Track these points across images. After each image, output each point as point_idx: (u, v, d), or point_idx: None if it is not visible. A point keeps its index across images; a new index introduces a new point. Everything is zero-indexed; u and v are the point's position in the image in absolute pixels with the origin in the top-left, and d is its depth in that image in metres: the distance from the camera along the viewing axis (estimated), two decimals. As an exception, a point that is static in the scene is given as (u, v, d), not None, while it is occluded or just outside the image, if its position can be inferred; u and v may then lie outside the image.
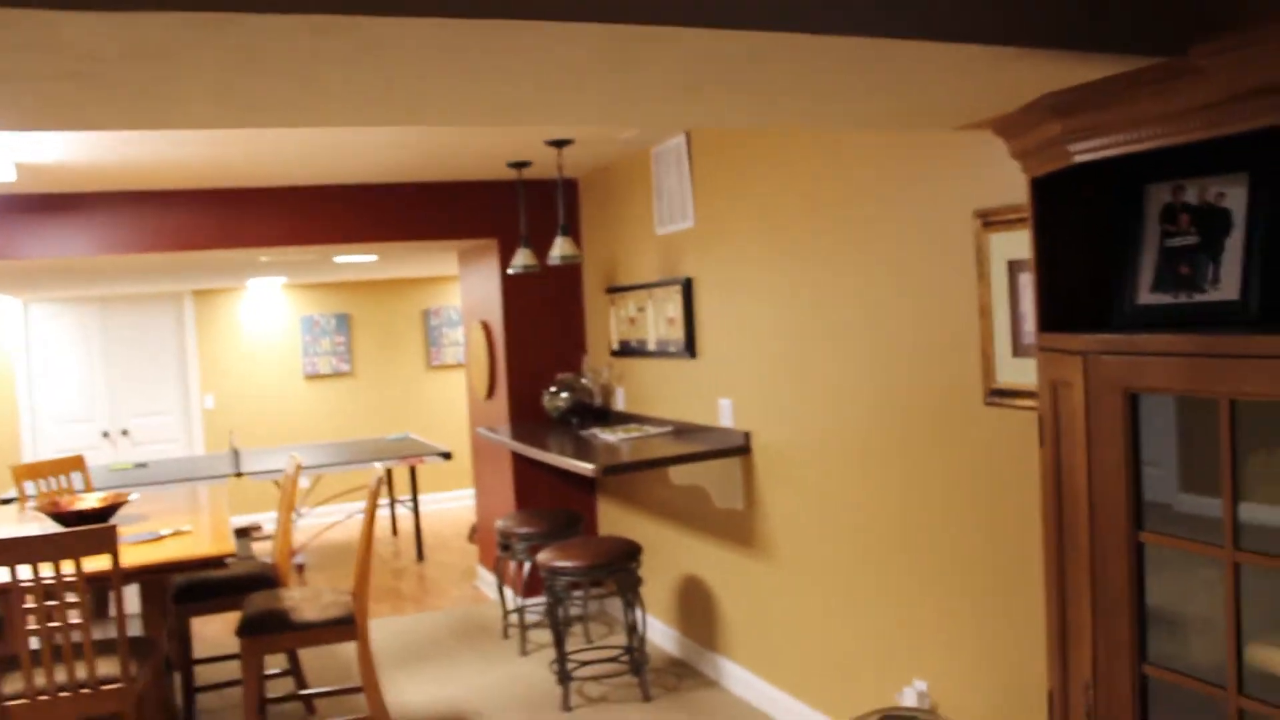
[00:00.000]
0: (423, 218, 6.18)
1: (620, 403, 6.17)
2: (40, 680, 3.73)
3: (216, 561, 4.03)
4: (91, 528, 3.68)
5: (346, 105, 2.15)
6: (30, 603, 3.69)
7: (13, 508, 5.71)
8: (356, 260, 7.58)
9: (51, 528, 4.65)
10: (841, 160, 3.85)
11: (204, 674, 5.65)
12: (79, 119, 2.20)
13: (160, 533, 4.44)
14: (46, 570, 3.68)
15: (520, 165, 5.73)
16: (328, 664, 5.70)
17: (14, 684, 3.73)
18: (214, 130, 4.22)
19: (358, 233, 6.02)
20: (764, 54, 1.89)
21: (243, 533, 8.23)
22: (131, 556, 4.05)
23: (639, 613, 5.81)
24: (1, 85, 2.02)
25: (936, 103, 2.50)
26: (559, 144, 5.14)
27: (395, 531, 9.49)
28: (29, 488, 6.57)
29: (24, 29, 1.52)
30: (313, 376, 10.34)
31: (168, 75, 1.80)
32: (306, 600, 4.42)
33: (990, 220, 3.14)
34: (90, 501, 4.88)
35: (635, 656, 4.99)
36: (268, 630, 4.22)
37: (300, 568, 8.18)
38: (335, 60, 1.74)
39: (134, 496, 4.91)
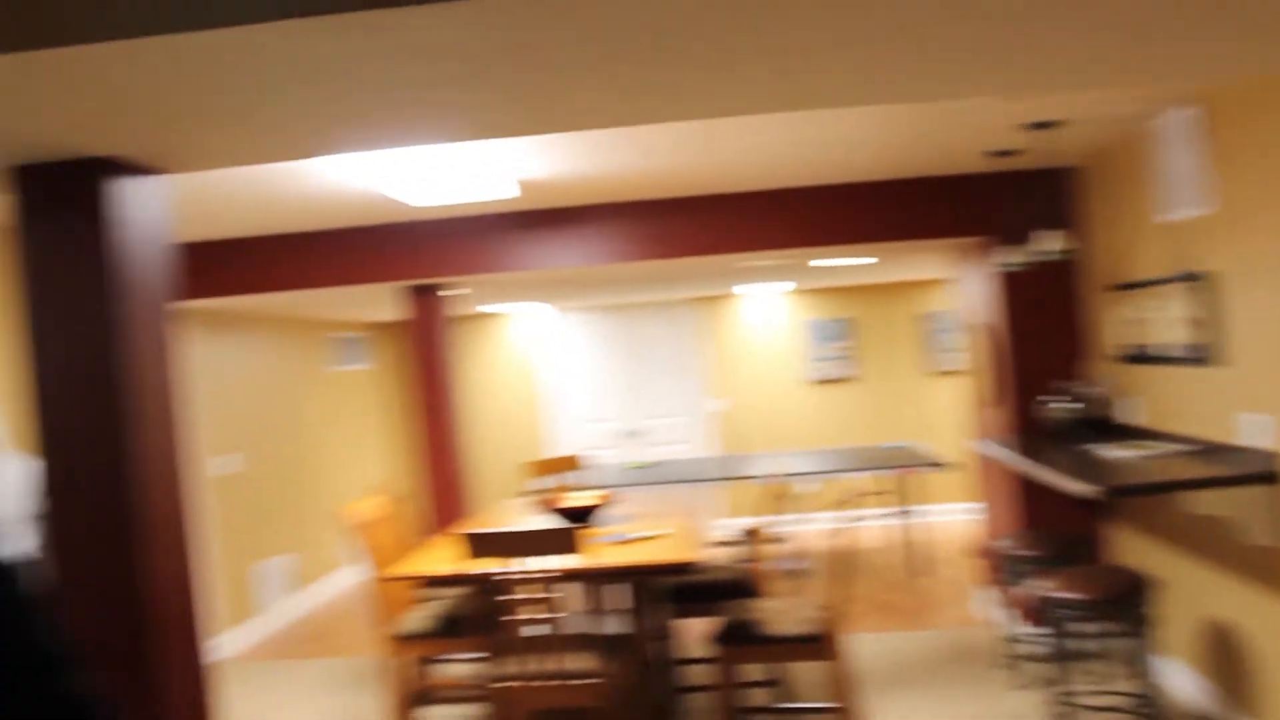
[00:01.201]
0: (907, 216, 5.90)
1: (1124, 415, 5.50)
2: (525, 667, 3.94)
3: (681, 568, 4.05)
4: (553, 528, 3.82)
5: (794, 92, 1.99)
6: (520, 594, 3.92)
7: (523, 501, 6.19)
8: (843, 263, 7.44)
9: (549, 522, 4.95)
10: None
11: (692, 675, 5.76)
12: (482, 125, 2.22)
13: (629, 535, 4.55)
14: (532, 564, 3.89)
15: (1006, 154, 5.28)
16: (817, 678, 5.59)
17: (506, 668, 3.98)
18: (676, 139, 4.26)
19: (835, 235, 5.87)
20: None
21: (748, 535, 8.40)
22: (603, 557, 4.18)
23: (1153, 656, 5.13)
24: (393, 93, 2.07)
25: None
26: (1043, 126, 4.66)
27: (901, 543, 9.24)
28: (540, 483, 7.07)
29: (387, 31, 1.50)
30: (817, 381, 10.38)
31: (544, 66, 1.73)
32: (780, 613, 4.33)
33: None
34: (582, 499, 5.13)
35: (1148, 707, 4.38)
36: (739, 641, 4.18)
37: (796, 574, 8.18)
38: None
39: (627, 496, 5.09)
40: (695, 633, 6.64)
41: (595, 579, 4.10)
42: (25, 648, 1.42)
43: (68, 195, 2.48)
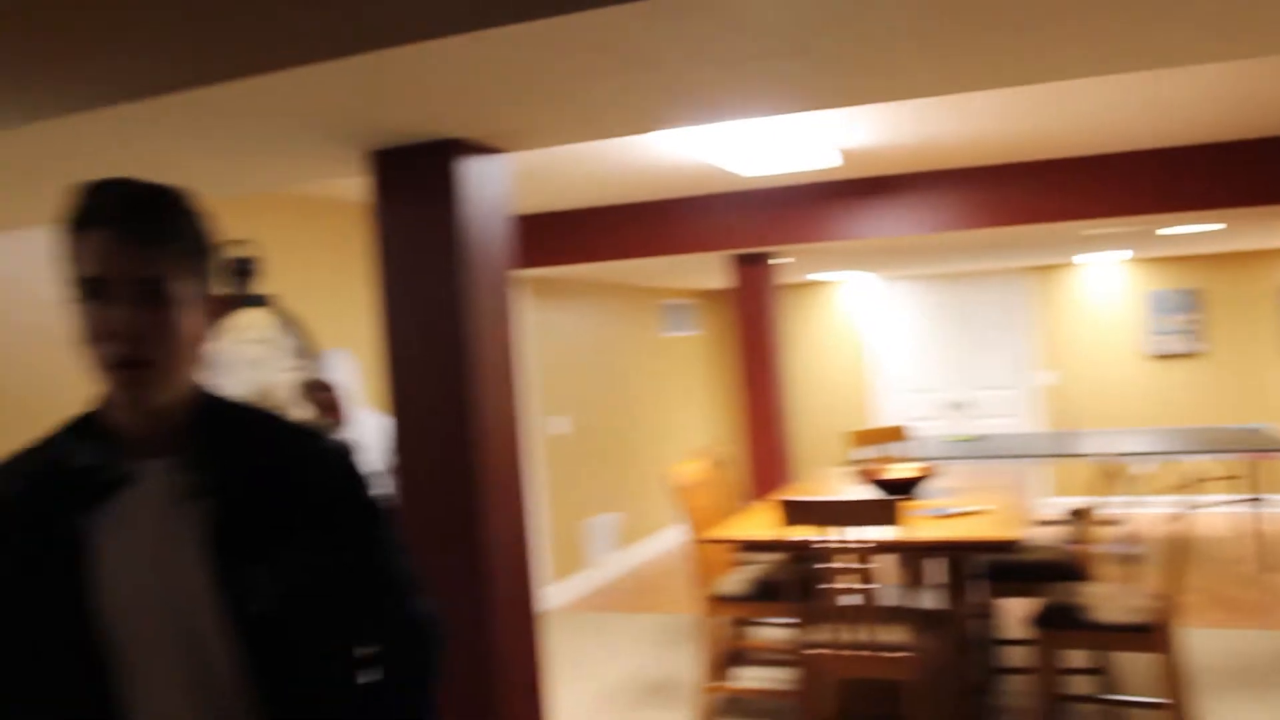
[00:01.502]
0: (1270, 179, 5.40)
1: None
2: (838, 636, 3.97)
3: (1003, 546, 3.93)
4: (875, 499, 3.81)
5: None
6: (836, 563, 3.95)
7: (845, 470, 6.18)
8: (1189, 231, 6.91)
9: (868, 493, 4.93)
10: None
11: (1009, 656, 5.59)
12: (807, 98, 2.24)
13: (949, 510, 4.46)
14: (851, 535, 3.90)
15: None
16: (1144, 670, 5.29)
17: (818, 634, 4.02)
18: (1006, 103, 4.10)
19: (1187, 200, 5.45)
20: None
21: (1076, 516, 8.01)
22: (921, 530, 4.12)
23: None
24: (723, 69, 2.12)
25: None
26: None
27: (1250, 534, 8.53)
28: (862, 453, 7.03)
29: (719, 10, 1.55)
30: (1158, 356, 9.71)
31: (868, 38, 1.73)
32: (1108, 599, 4.13)
33: None
34: (902, 471, 5.07)
35: None
36: (1060, 625, 4.02)
37: (1128, 559, 7.73)
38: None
39: (949, 469, 4.99)
40: (1014, 613, 6.42)
41: (913, 552, 4.06)
42: (384, 566, 1.62)
43: (418, 175, 2.71)
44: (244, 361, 4.86)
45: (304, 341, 5.18)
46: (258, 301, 4.92)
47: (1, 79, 2.36)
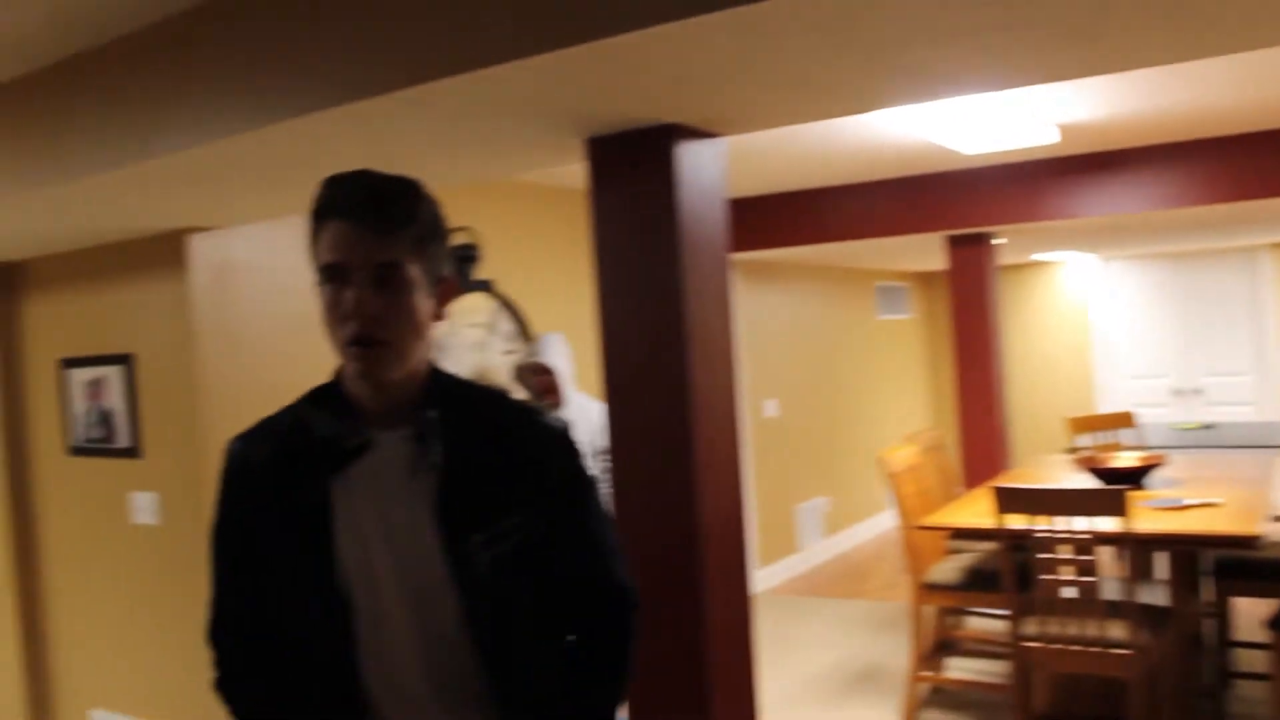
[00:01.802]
0: None
1: None
2: (1055, 629, 3.85)
3: (1241, 541, 3.72)
4: (1102, 489, 3.67)
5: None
6: (1055, 554, 3.83)
7: (1064, 459, 5.96)
8: None
9: (1087, 482, 4.74)
10: None
11: (1243, 659, 5.28)
12: (1029, 71, 2.19)
13: (1181, 501, 4.24)
14: (1074, 525, 3.78)
15: None
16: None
17: (1033, 626, 3.91)
18: (1243, 68, 3.85)
19: None
20: None
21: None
22: (1148, 523, 3.94)
23: None
24: (944, 45, 2.08)
25: None
26: None
27: None
28: (1082, 440, 6.76)
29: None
30: None
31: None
32: (1356, 602, 3.86)
33: None
34: (1127, 460, 4.86)
35: None
36: (1301, 628, 3.78)
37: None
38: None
39: (1178, 459, 4.75)
40: (1250, 614, 6.06)
41: (1138, 546, 3.89)
42: (593, 534, 1.73)
43: (636, 161, 2.76)
44: (465, 344, 5.07)
45: (521, 325, 5.36)
46: (479, 286, 5.12)
47: (246, 84, 2.55)
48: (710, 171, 2.85)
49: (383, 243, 1.50)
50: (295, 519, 1.57)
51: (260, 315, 4.25)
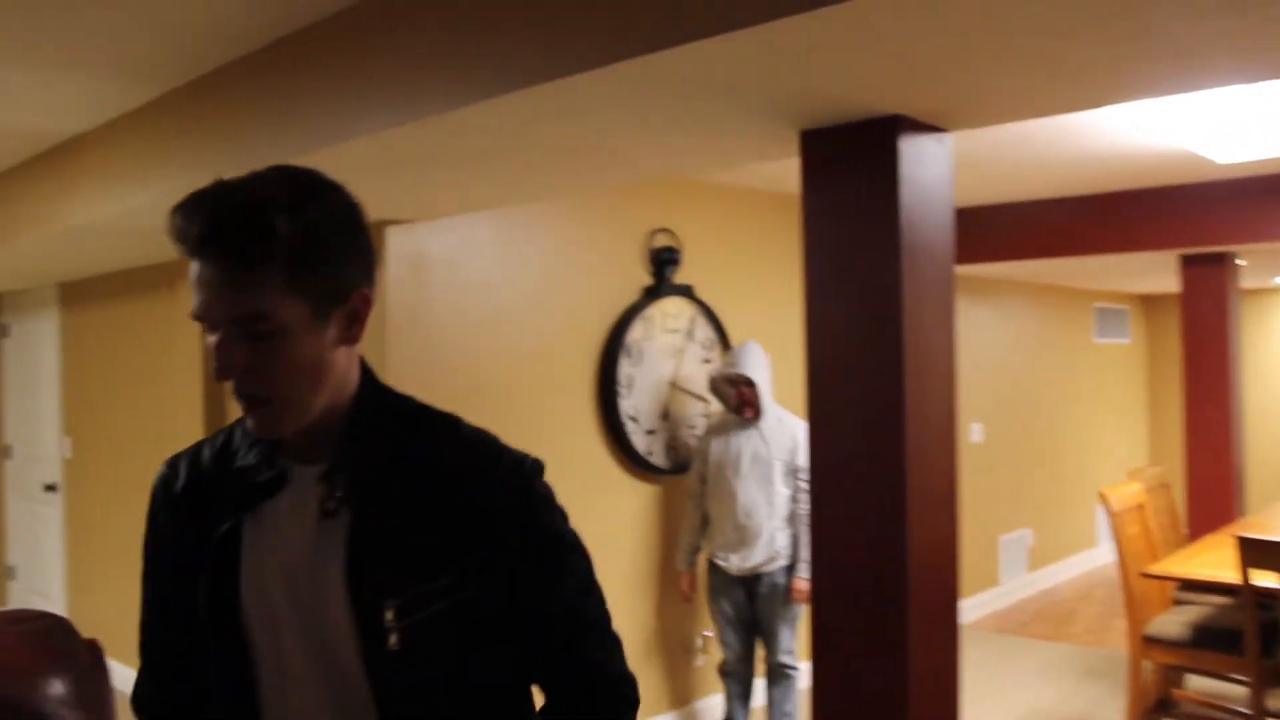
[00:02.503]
0: None
1: None
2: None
3: None
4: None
5: None
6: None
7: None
8: None
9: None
10: None
11: None
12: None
13: None
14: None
15: None
16: None
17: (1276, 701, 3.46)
18: None
19: None
20: None
21: None
22: None
23: None
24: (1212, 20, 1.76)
25: None
26: None
27: None
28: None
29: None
30: None
31: None
32: None
33: None
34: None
35: None
36: None
37: None
38: None
39: None
40: None
41: None
42: (562, 607, 1.41)
43: (854, 156, 2.51)
44: (662, 350, 4.90)
45: (720, 333, 5.16)
46: (678, 291, 4.94)
47: (439, 64, 2.41)
48: (936, 170, 2.56)
49: (239, 289, 1.23)
50: (203, 552, 1.38)
51: (451, 310, 4.18)
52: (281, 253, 1.23)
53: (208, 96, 3.22)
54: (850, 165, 2.53)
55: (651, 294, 4.88)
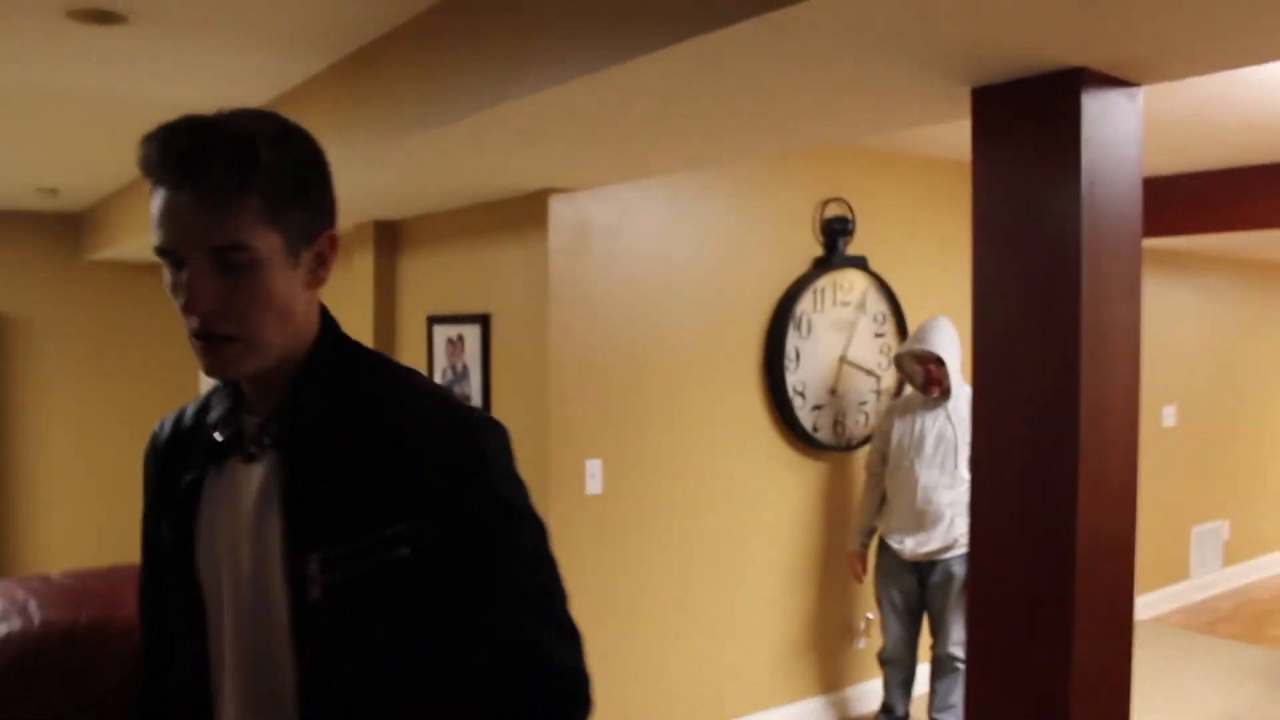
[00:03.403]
0: None
1: None
2: None
3: None
4: None
5: None
6: None
7: None
8: None
9: None
10: None
11: None
12: None
13: None
14: None
15: None
16: None
17: None
18: None
19: None
20: None
21: None
22: None
23: None
24: None
25: None
26: None
27: None
28: None
29: None
30: None
31: None
32: None
33: None
34: None
35: None
36: None
37: None
38: None
39: None
40: None
41: None
42: (505, 582, 1.29)
43: (1031, 115, 2.32)
44: (833, 324, 4.75)
45: (895, 307, 4.97)
46: (851, 263, 4.78)
47: (593, 19, 2.34)
48: (1124, 129, 2.35)
49: (216, 218, 1.18)
50: (171, 508, 1.38)
51: (613, 278, 4.15)
52: (263, 181, 1.20)
53: (372, 66, 3.25)
54: (1027, 125, 2.35)
55: (822, 265, 4.74)
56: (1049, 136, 2.29)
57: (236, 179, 1.18)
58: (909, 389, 4.67)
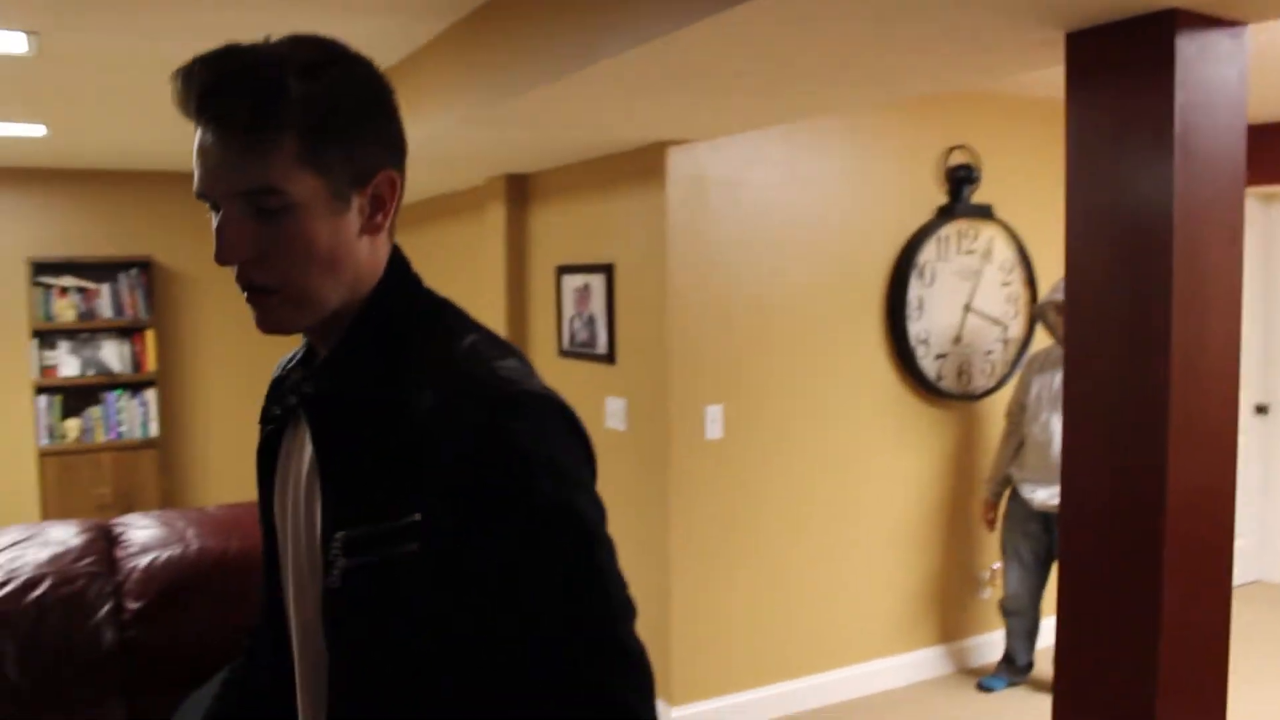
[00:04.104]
0: None
1: None
2: None
3: None
4: None
5: None
6: None
7: None
8: None
9: None
10: None
11: None
12: None
13: None
14: None
15: None
16: None
17: None
18: None
19: None
20: None
21: None
22: None
23: None
24: None
25: None
26: None
27: None
28: None
29: None
30: None
31: None
32: None
33: None
34: None
35: None
36: None
37: None
38: None
39: None
40: None
41: None
42: (530, 601, 1.07)
43: (1126, 58, 2.24)
44: (957, 272, 4.68)
45: (1023, 256, 4.86)
46: (976, 211, 4.68)
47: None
48: (1223, 73, 2.27)
49: (241, 161, 1.06)
50: (261, 453, 1.32)
51: (732, 228, 4.18)
52: (293, 117, 1.07)
53: (489, 25, 3.33)
54: (1119, 71, 2.29)
55: (946, 214, 4.66)
56: (1141, 82, 2.23)
57: (262, 114, 1.06)
58: (1047, 340, 4.58)
